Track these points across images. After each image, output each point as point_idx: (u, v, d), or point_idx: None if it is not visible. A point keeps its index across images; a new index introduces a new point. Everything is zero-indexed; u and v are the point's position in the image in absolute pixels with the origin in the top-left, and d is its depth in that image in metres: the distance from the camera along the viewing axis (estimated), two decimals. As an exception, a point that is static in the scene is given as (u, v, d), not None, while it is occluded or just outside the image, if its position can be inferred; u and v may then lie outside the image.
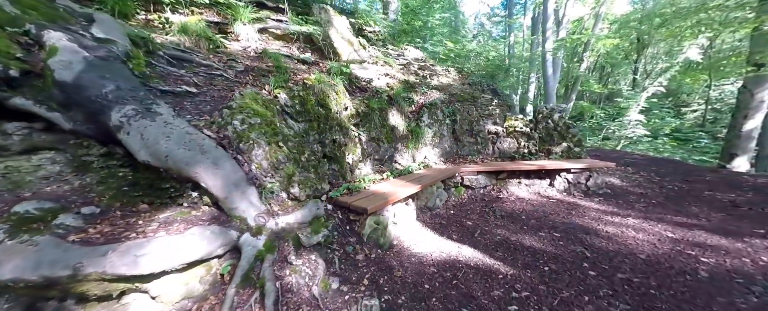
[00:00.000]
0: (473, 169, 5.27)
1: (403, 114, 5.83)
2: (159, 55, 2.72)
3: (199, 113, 2.46)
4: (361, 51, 6.87)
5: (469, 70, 8.87)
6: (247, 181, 2.15)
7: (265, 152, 2.30)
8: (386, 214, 3.19)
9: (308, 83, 3.70)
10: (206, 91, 2.73)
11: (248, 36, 4.74)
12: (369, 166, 4.77)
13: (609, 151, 9.33)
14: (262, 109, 2.72)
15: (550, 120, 6.29)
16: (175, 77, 2.63)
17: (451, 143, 6.45)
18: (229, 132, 2.26)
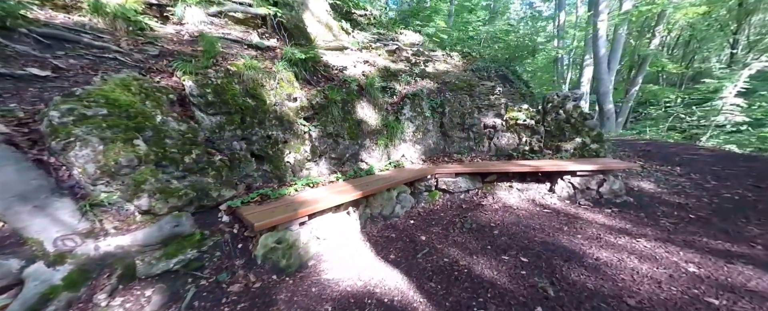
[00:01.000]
0: (451, 170, 4.43)
1: (376, 106, 5.12)
2: (22, 32, 2.38)
3: (37, 100, 2.07)
4: (342, 36, 6.23)
5: (478, 54, 7.79)
6: (55, 191, 1.70)
7: (95, 153, 1.83)
8: (296, 229, 2.59)
9: (232, 70, 3.18)
10: (72, 76, 2.34)
11: (194, 19, 4.36)
12: (324, 166, 4.19)
13: (668, 144, 7.65)
14: (131, 98, 2.25)
15: (562, 110, 5.15)
16: (28, 59, 2.27)
17: (437, 139, 5.60)
18: (42, 127, 1.82)
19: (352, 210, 3.35)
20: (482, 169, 4.42)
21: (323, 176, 4.06)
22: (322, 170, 4.17)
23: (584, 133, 4.90)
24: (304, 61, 4.67)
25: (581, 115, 4.99)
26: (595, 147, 4.68)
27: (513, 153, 5.20)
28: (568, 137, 5.01)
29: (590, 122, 4.93)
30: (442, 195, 4.50)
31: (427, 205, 4.27)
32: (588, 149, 4.72)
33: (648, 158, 5.97)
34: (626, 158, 6.04)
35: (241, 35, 4.63)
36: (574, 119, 5.01)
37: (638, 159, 5.98)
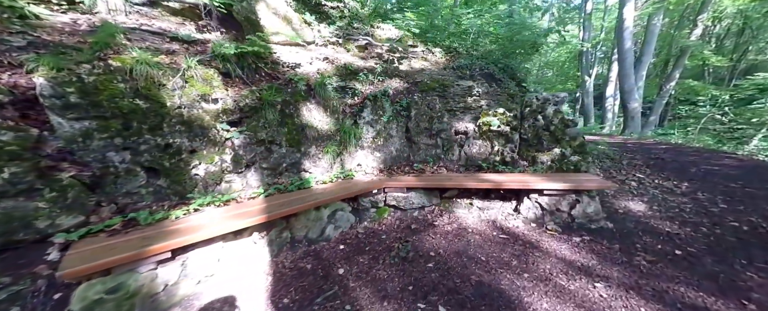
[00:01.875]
0: (402, 183, 3.84)
1: (328, 109, 4.57)
2: None
3: None
4: (304, 30, 5.69)
5: (465, 50, 7.10)
6: None
7: None
8: (146, 270, 2.07)
9: (116, 65, 2.69)
10: None
11: (113, 7, 3.90)
12: (253, 177, 3.67)
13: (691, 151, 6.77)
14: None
15: (541, 116, 4.46)
16: None
17: (401, 146, 5.00)
18: None
19: (260, 236, 2.83)
20: (437, 183, 3.81)
21: (247, 190, 3.55)
22: (250, 183, 3.66)
23: (564, 142, 4.20)
24: (243, 56, 4.16)
25: (562, 121, 4.29)
26: (575, 160, 3.99)
27: (482, 164, 4.55)
28: (546, 146, 4.32)
29: (572, 129, 4.23)
30: (392, 213, 3.92)
31: (372, 225, 3.71)
32: (567, 161, 4.03)
33: (657, 169, 5.20)
34: (632, 168, 5.29)
35: (169, 27, 4.15)
36: (554, 126, 4.32)
37: (645, 170, 5.22)
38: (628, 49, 9.67)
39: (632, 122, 10.71)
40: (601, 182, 3.40)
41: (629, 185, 4.50)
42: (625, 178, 4.78)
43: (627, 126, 11.12)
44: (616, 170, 5.19)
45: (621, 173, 5.02)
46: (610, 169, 5.24)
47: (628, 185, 4.51)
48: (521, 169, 4.26)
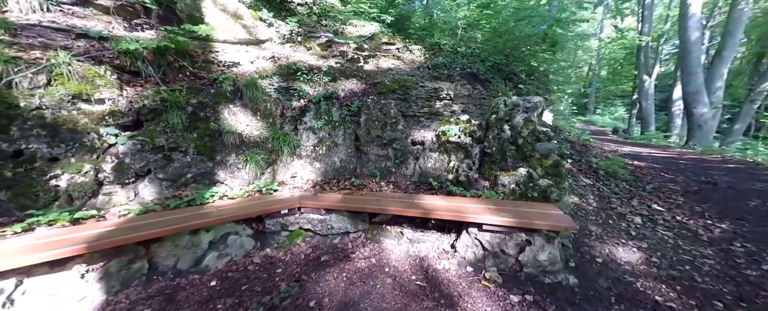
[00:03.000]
0: (320, 203, 3.16)
1: (258, 112, 4.01)
2: None
3: None
4: (257, 27, 5.23)
5: (452, 47, 6.25)
6: None
7: None
8: None
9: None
10: None
11: (28, 7, 3.65)
12: (149, 189, 3.20)
13: None
14: None
15: (507, 126, 3.55)
16: None
17: (347, 156, 4.30)
18: None
19: (92, 267, 2.28)
20: (358, 206, 3.07)
21: (131, 204, 3.06)
22: (143, 195, 3.18)
23: (534, 161, 3.26)
24: (161, 54, 3.75)
25: (533, 134, 3.35)
26: (544, 185, 3.04)
27: (433, 182, 3.72)
28: (511, 164, 3.40)
29: (544, 145, 3.27)
30: (308, 238, 3.24)
31: (275, 253, 3.05)
32: (534, 186, 3.09)
33: (696, 200, 4.01)
34: (652, 197, 4.14)
35: (89, 25, 3.84)
36: (523, 140, 3.39)
37: (674, 199, 4.05)
38: (694, 41, 8.08)
39: (699, 131, 8.84)
40: (557, 220, 2.45)
41: (629, 221, 3.42)
42: (628, 211, 3.68)
43: (692, 136, 9.15)
44: (621, 199, 4.07)
45: (626, 204, 3.91)
46: (613, 196, 4.13)
47: (628, 221, 3.42)
48: (476, 192, 3.38)
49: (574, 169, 4.76)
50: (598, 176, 4.70)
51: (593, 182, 4.42)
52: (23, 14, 3.68)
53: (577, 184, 4.15)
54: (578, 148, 6.17)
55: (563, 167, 3.16)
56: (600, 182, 4.53)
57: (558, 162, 3.14)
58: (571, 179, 4.20)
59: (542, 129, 3.31)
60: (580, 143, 6.76)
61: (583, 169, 4.91)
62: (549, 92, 7.76)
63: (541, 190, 3.04)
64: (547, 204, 2.87)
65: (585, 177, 4.57)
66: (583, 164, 5.17)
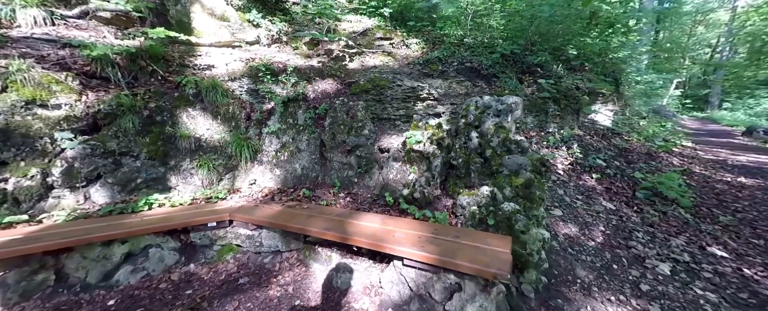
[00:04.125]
0: (250, 217, 2.87)
1: (219, 115, 3.89)
2: None
3: None
4: (245, 29, 5.19)
5: (456, 39, 5.50)
6: None
7: None
8: None
9: None
10: None
11: (33, 21, 4.03)
12: (99, 194, 3.26)
13: None
14: None
15: (475, 133, 2.84)
16: None
17: (310, 163, 3.96)
18: None
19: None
20: (279, 223, 2.70)
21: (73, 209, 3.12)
22: (95, 200, 3.25)
23: (501, 178, 2.51)
24: (133, 60, 3.84)
25: (504, 143, 2.59)
26: (509, 210, 2.29)
27: (387, 198, 3.15)
28: (476, 181, 2.69)
29: (513, 159, 2.49)
30: (239, 255, 2.98)
31: (199, 269, 2.84)
32: (497, 210, 2.36)
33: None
34: (736, 234, 3.05)
35: (80, 35, 4.11)
36: (492, 150, 2.65)
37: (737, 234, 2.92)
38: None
39: None
40: (489, 262, 1.73)
41: (648, 269, 2.43)
42: (655, 253, 2.66)
43: None
44: (654, 234, 2.99)
45: (658, 243, 2.85)
46: (639, 229, 3.06)
47: (646, 268, 2.44)
48: (427, 214, 2.73)
49: (598, 187, 3.70)
50: (631, 198, 3.58)
51: (618, 206, 3.36)
52: (29, 28, 4.06)
53: (588, 208, 3.17)
54: (633, 157, 4.87)
55: (538, 188, 2.34)
56: (632, 207, 3.43)
57: (530, 182, 2.35)
58: (580, 202, 3.23)
59: (515, 138, 2.53)
60: (645, 151, 5.34)
61: (614, 188, 3.80)
62: (617, 83, 6.35)
63: (504, 216, 2.29)
64: (500, 238, 2.13)
65: (609, 200, 3.50)
66: (616, 180, 4.02)
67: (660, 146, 5.87)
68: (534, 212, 2.30)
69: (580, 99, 5.55)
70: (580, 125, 5.79)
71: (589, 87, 5.59)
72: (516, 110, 2.65)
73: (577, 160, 4.06)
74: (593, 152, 4.57)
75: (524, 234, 2.20)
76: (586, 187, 3.54)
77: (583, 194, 3.34)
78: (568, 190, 3.36)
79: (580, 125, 5.81)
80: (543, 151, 4.12)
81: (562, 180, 3.54)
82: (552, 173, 3.63)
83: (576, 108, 5.56)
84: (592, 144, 5.06)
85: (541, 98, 4.91)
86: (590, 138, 5.32)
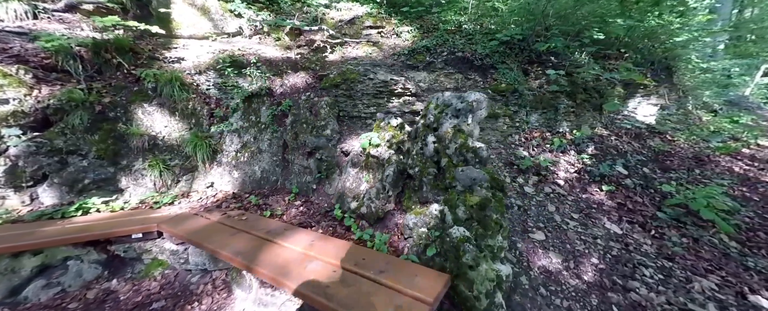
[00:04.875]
0: (174, 230, 2.56)
1: (177, 111, 3.64)
2: None
3: None
4: (226, 20, 4.93)
5: (452, 26, 4.85)
6: None
7: None
8: None
9: None
10: None
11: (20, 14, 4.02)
12: (47, 194, 3.13)
13: None
14: None
15: (433, 136, 2.28)
16: None
17: (270, 166, 3.61)
18: None
19: None
20: (195, 239, 2.35)
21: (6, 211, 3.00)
22: (43, 200, 3.13)
23: (453, 194, 1.95)
24: (97, 52, 3.70)
25: (460, 150, 2.02)
26: (458, 236, 1.74)
27: (336, 212, 2.69)
28: (428, 195, 2.15)
29: (467, 171, 1.91)
30: (167, 272, 2.69)
31: (120, 286, 2.59)
32: (445, 236, 1.82)
33: None
34: None
35: (51, 27, 4.05)
36: (448, 159, 2.09)
37: None
38: None
39: None
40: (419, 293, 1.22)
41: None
42: (663, 300, 1.98)
43: None
44: (671, 270, 2.26)
45: (675, 285, 2.13)
46: (651, 263, 2.33)
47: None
48: (365, 235, 2.24)
49: (608, 203, 2.95)
50: (650, 219, 2.80)
51: (627, 230, 2.62)
52: (10, 22, 4.05)
53: (583, 232, 2.49)
54: (672, 162, 3.95)
55: (495, 210, 1.76)
56: (649, 231, 2.67)
57: (485, 202, 1.77)
58: (575, 223, 2.54)
59: (473, 145, 1.94)
60: (692, 154, 4.33)
61: (629, 204, 3.02)
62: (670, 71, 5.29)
63: (452, 244, 1.75)
64: (434, 277, 1.60)
65: (617, 220, 2.76)
66: (636, 193, 3.22)
67: (719, 147, 4.70)
68: (488, 241, 1.73)
69: (604, 92, 4.66)
70: (606, 124, 4.89)
71: (623, 78, 4.65)
72: (478, 109, 2.05)
73: (585, 167, 3.31)
74: (614, 157, 3.75)
75: (473, 270, 1.65)
76: (589, 202, 2.82)
77: (581, 212, 2.64)
78: (562, 206, 2.68)
79: (606, 123, 4.91)
80: (543, 156, 3.41)
81: (559, 193, 2.85)
82: (547, 183, 2.94)
83: (598, 103, 4.68)
84: (617, 147, 4.20)
85: (551, 93, 4.14)
86: (616, 139, 4.44)
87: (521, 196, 2.72)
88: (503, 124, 3.73)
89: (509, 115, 3.77)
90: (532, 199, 2.70)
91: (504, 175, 2.96)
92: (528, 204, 2.62)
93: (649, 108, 5.43)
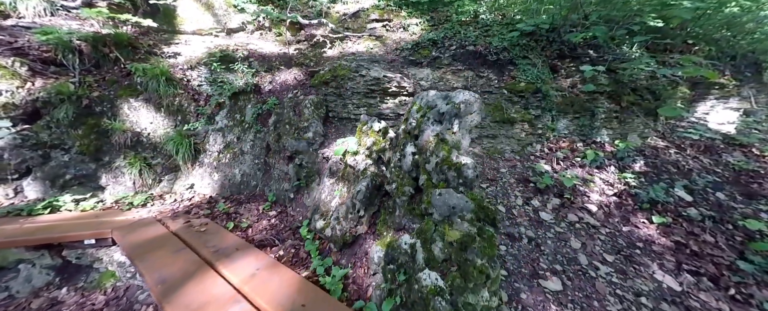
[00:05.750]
0: (124, 240, 2.30)
1: (162, 107, 3.46)
2: None
3: None
4: (229, 15, 4.77)
5: (467, 17, 4.24)
6: None
7: None
8: None
9: None
10: None
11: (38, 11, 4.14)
12: (31, 188, 3.09)
13: None
14: None
15: (412, 146, 1.76)
16: None
17: (251, 169, 3.30)
18: None
19: None
20: (135, 255, 2.04)
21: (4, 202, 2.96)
22: (28, 195, 3.08)
23: (429, 223, 1.41)
24: (96, 47, 3.65)
25: (440, 166, 1.48)
26: (428, 285, 1.22)
27: (302, 230, 2.26)
28: (402, 220, 1.64)
29: (445, 197, 1.36)
30: (118, 284, 2.45)
31: (68, 297, 2.38)
32: (413, 282, 1.30)
33: None
34: None
35: (62, 23, 4.10)
36: (427, 176, 1.56)
37: None
38: None
39: None
40: None
41: None
42: None
43: None
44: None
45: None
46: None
47: None
48: (319, 268, 1.78)
49: (660, 241, 2.19)
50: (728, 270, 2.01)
51: (688, 285, 1.87)
52: (30, 19, 4.18)
53: (619, 284, 1.79)
54: (762, 187, 3.04)
55: (481, 253, 1.21)
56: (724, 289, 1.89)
57: (467, 241, 1.23)
58: (607, 269, 1.86)
59: (459, 161, 1.39)
60: None
61: (694, 245, 2.23)
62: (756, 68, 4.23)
63: (421, 296, 1.24)
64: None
65: (674, 269, 2.00)
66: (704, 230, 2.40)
67: None
68: (468, 297, 1.19)
69: (662, 93, 3.76)
70: (662, 133, 3.98)
71: (689, 75, 3.71)
72: (466, 113, 1.49)
73: (629, 188, 2.55)
74: (672, 177, 2.91)
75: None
76: (632, 238, 2.10)
77: (619, 253, 1.94)
78: (592, 242, 2.00)
79: (663, 132, 4.00)
80: (571, 172, 2.71)
81: (589, 224, 2.16)
82: (572, 209, 2.26)
83: (653, 107, 3.79)
84: (677, 163, 3.31)
85: (586, 93, 3.38)
86: (677, 153, 3.53)
87: (535, 224, 2.09)
88: (521, 131, 3.07)
89: (529, 120, 3.09)
90: (549, 229, 2.06)
91: (514, 195, 2.33)
92: (543, 237, 1.99)
93: (727, 114, 4.33)
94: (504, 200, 2.32)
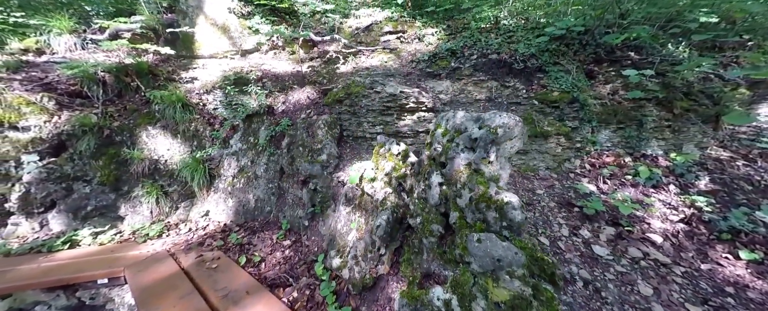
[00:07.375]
0: (135, 281, 2.19)
1: (177, 134, 3.44)
2: None
3: None
4: (245, 37, 4.81)
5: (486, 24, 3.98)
6: None
7: None
8: None
9: None
10: None
11: (69, 46, 4.35)
12: (56, 221, 3.12)
13: None
14: None
15: (439, 175, 1.51)
16: None
17: (266, 194, 3.16)
18: None
19: None
20: (139, 301, 1.90)
21: (32, 235, 2.99)
22: (52, 227, 3.11)
23: (466, 274, 1.14)
24: (118, 77, 3.74)
25: (476, 203, 1.21)
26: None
27: (318, 267, 2.05)
28: (430, 264, 1.38)
29: (487, 245, 1.08)
30: (134, 317, 2.32)
31: None
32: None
33: None
34: None
35: (90, 57, 4.26)
36: (459, 213, 1.30)
37: None
38: None
39: None
40: None
41: None
42: None
43: None
44: None
45: None
46: None
47: None
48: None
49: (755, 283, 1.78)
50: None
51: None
52: (61, 54, 4.39)
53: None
54: None
55: None
56: None
57: (521, 305, 0.94)
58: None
59: (500, 198, 1.13)
60: None
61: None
62: None
63: None
64: None
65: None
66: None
67: None
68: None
69: (722, 97, 3.29)
70: (722, 141, 3.48)
71: (750, 76, 3.22)
72: (505, 139, 1.22)
73: (698, 213, 2.14)
74: (749, 197, 2.45)
75: None
76: (717, 281, 1.70)
77: (706, 304, 1.56)
78: (666, 286, 1.63)
79: (723, 140, 3.50)
80: (622, 193, 2.33)
81: (657, 260, 1.78)
82: (632, 241, 1.89)
83: (712, 113, 3.31)
84: (752, 178, 2.82)
85: (631, 101, 2.99)
86: (747, 166, 3.03)
87: (588, 262, 1.75)
88: (556, 145, 2.73)
89: (565, 132, 2.75)
90: (608, 268, 1.71)
91: (556, 223, 2.00)
92: (602, 279, 1.65)
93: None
94: (545, 230, 1.99)
